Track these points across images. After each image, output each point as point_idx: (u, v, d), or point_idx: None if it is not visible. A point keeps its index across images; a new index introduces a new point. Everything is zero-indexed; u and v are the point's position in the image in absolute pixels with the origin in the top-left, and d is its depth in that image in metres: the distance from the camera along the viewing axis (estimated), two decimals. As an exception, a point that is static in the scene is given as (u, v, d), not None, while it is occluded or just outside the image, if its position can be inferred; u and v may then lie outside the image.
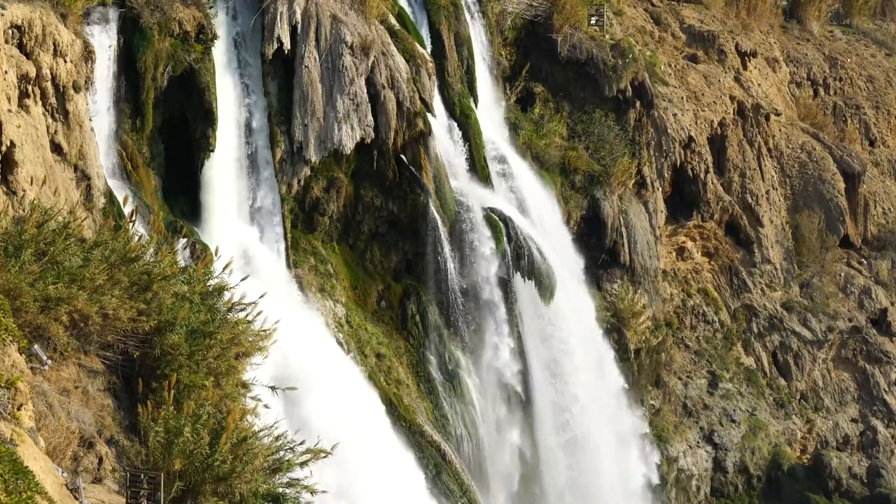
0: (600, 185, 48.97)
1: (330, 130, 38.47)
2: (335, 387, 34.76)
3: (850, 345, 58.47)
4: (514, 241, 42.49)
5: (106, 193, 31.61)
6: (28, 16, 28.99)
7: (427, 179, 40.59)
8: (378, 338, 39.99)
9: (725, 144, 56.81)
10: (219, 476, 18.87)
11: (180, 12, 35.45)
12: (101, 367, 20.78)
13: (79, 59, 31.22)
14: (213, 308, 22.00)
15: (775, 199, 58.85)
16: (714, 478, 52.36)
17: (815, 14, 69.92)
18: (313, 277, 39.01)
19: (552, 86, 51.10)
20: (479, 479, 40.74)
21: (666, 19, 60.91)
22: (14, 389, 16.24)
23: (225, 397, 20.96)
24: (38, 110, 29.18)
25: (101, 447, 19.25)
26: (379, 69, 39.44)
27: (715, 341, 55.11)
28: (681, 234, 55.46)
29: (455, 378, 41.27)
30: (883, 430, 57.13)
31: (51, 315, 19.42)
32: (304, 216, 39.55)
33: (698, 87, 56.70)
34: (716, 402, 53.27)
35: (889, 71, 70.16)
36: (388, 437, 36.83)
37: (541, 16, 50.69)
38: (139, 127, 34.88)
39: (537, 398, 43.70)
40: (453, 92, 44.43)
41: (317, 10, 38.71)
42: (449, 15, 44.90)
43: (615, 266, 49.55)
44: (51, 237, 20.45)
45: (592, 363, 46.01)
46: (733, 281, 56.84)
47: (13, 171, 27.09)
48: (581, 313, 46.20)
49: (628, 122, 51.15)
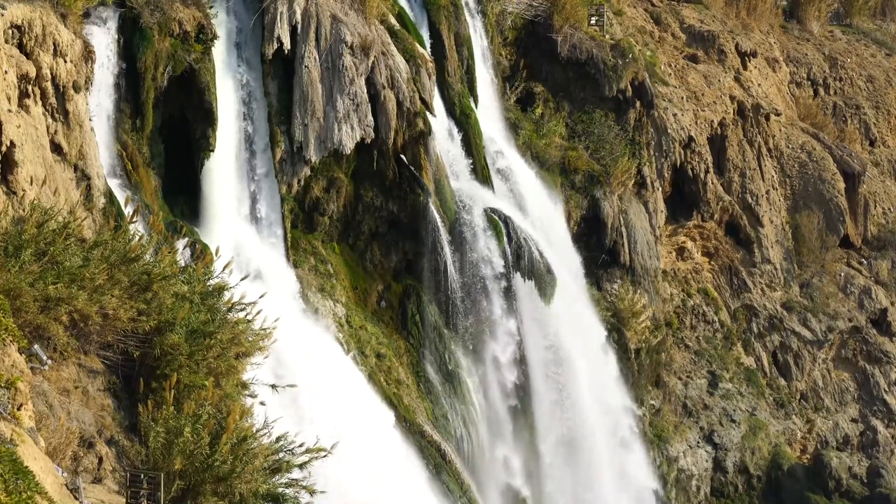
0: (600, 185, 48.97)
1: (330, 130, 38.47)
2: (335, 386, 34.75)
3: (850, 345, 58.47)
4: (514, 241, 42.48)
5: (106, 193, 31.60)
6: (28, 16, 28.98)
7: (427, 179, 40.59)
8: (378, 338, 39.98)
9: (725, 144, 56.81)
10: (219, 476, 18.88)
11: (180, 12, 35.45)
12: (101, 367, 20.78)
13: (79, 59, 31.21)
14: (213, 308, 22.00)
15: (775, 199, 58.85)
16: (714, 478, 52.35)
17: (815, 14, 69.91)
18: (313, 277, 39.00)
19: (552, 86, 51.10)
20: (479, 478, 40.73)
21: (666, 19, 60.92)
22: (14, 389, 16.23)
23: (225, 397, 20.96)
24: (38, 110, 29.16)
25: (101, 447, 19.25)
26: (379, 69, 39.44)
27: (715, 341, 55.10)
28: (681, 234, 55.46)
29: (455, 378, 41.26)
30: (883, 430, 57.13)
31: (51, 315, 19.41)
32: (304, 216, 39.54)
33: (698, 87, 56.70)
34: (716, 402, 53.27)
35: (889, 71, 70.16)
36: (391, 437, 36.86)
37: (541, 16, 50.69)
38: (139, 127, 34.87)
39: (537, 398, 43.70)
40: (453, 92, 44.42)
41: (317, 10, 38.70)
42: (449, 15, 44.89)
43: (615, 266, 49.55)
44: (51, 237, 20.44)
45: (592, 363, 46.00)
46: (733, 281, 56.84)
47: (13, 171, 27.08)
48: (581, 313, 46.19)
49: (628, 122, 51.14)
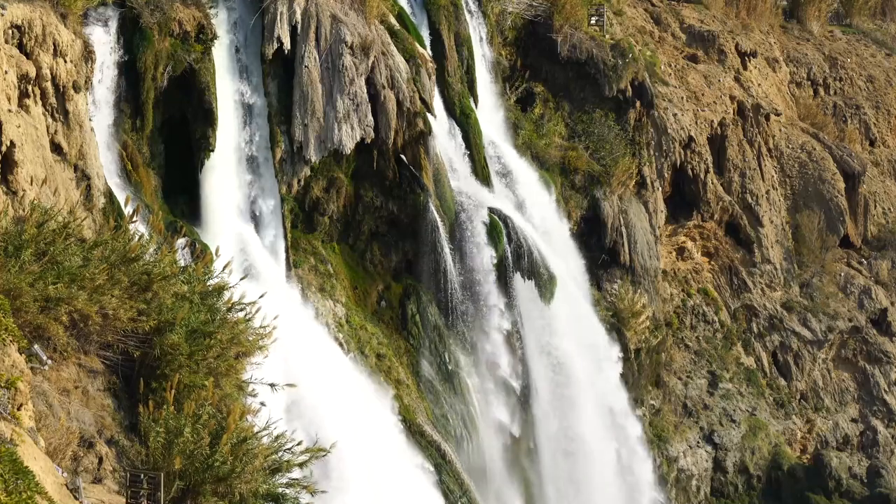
0: (600, 185, 48.97)
1: (330, 130, 38.46)
2: (334, 386, 34.75)
3: (850, 345, 58.47)
4: (514, 241, 42.48)
5: (106, 193, 31.60)
6: (28, 16, 28.98)
7: (427, 179, 40.58)
8: (378, 338, 39.97)
9: (725, 144, 56.81)
10: (219, 476, 18.86)
11: (180, 12, 35.44)
12: (101, 367, 20.77)
13: (79, 59, 31.21)
14: (213, 308, 21.99)
15: (775, 199, 58.85)
16: (714, 478, 52.35)
17: (815, 14, 69.91)
18: (313, 277, 39.00)
19: (552, 86, 51.10)
20: (478, 478, 40.73)
21: (666, 19, 60.91)
22: (14, 389, 16.23)
23: (225, 397, 20.95)
24: (38, 110, 29.17)
25: (101, 447, 19.23)
26: (379, 69, 39.43)
27: (715, 341, 55.10)
28: (681, 234, 55.45)
29: (455, 378, 41.26)
30: (883, 430, 57.13)
31: (51, 315, 19.40)
32: (304, 216, 39.54)
33: (698, 87, 56.70)
34: (716, 402, 53.26)
35: (889, 71, 70.16)
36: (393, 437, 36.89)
37: (541, 16, 50.68)
38: (139, 127, 34.87)
39: (537, 398, 43.68)
40: (453, 92, 44.42)
41: (317, 10, 38.69)
42: (449, 15, 44.88)
43: (615, 266, 49.54)
44: (51, 237, 20.43)
45: (592, 363, 46.00)
46: (733, 281, 56.83)
47: (13, 171, 27.09)
48: (581, 313, 46.18)
49: (628, 122, 51.13)
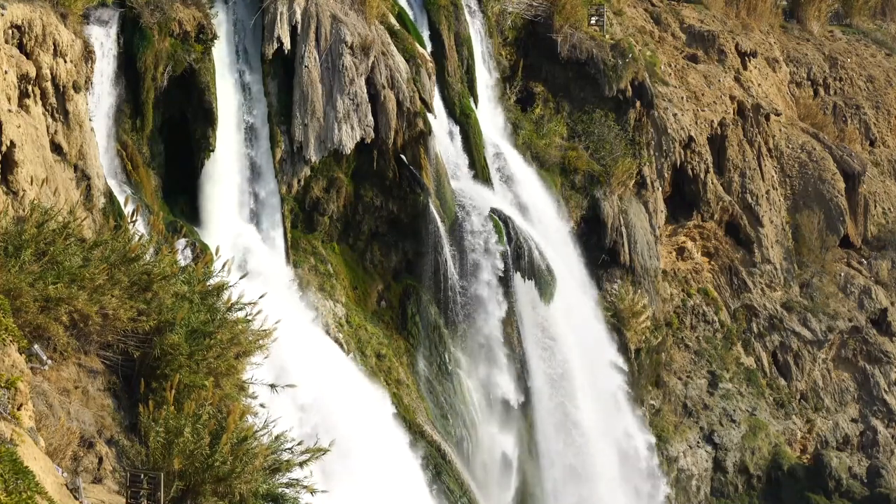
0: (600, 185, 48.97)
1: (330, 130, 38.47)
2: (335, 385, 34.75)
3: (850, 345, 58.45)
4: (514, 241, 42.48)
5: (106, 193, 31.62)
6: (28, 16, 28.98)
7: (427, 179, 40.58)
8: (378, 338, 39.98)
9: (725, 144, 56.79)
10: (219, 476, 18.85)
11: (180, 12, 35.46)
12: (101, 367, 20.76)
13: (79, 59, 31.22)
14: (213, 308, 21.97)
15: (775, 199, 58.84)
16: (714, 478, 52.34)
17: (815, 14, 69.90)
18: (313, 277, 39.00)
19: (552, 86, 51.10)
20: (478, 478, 40.72)
21: (666, 19, 60.90)
22: (14, 389, 16.22)
23: (225, 397, 20.94)
24: (38, 110, 29.18)
25: (101, 447, 19.23)
26: (379, 69, 39.44)
27: (715, 341, 55.09)
28: (681, 234, 55.44)
29: (455, 378, 41.26)
30: (883, 430, 57.11)
31: (51, 315, 19.39)
32: (304, 216, 39.55)
33: (698, 87, 56.69)
34: (716, 402, 53.26)
35: (889, 71, 70.15)
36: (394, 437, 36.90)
37: (541, 16, 50.68)
38: (139, 127, 34.88)
39: (537, 398, 43.68)
40: (453, 92, 44.43)
41: (317, 10, 38.70)
42: (449, 15, 44.89)
43: (615, 266, 49.53)
44: (51, 237, 20.42)
45: (592, 363, 45.98)
46: (733, 281, 56.82)
47: (13, 170, 27.11)
48: (581, 313, 46.18)
49: (628, 122, 51.13)
